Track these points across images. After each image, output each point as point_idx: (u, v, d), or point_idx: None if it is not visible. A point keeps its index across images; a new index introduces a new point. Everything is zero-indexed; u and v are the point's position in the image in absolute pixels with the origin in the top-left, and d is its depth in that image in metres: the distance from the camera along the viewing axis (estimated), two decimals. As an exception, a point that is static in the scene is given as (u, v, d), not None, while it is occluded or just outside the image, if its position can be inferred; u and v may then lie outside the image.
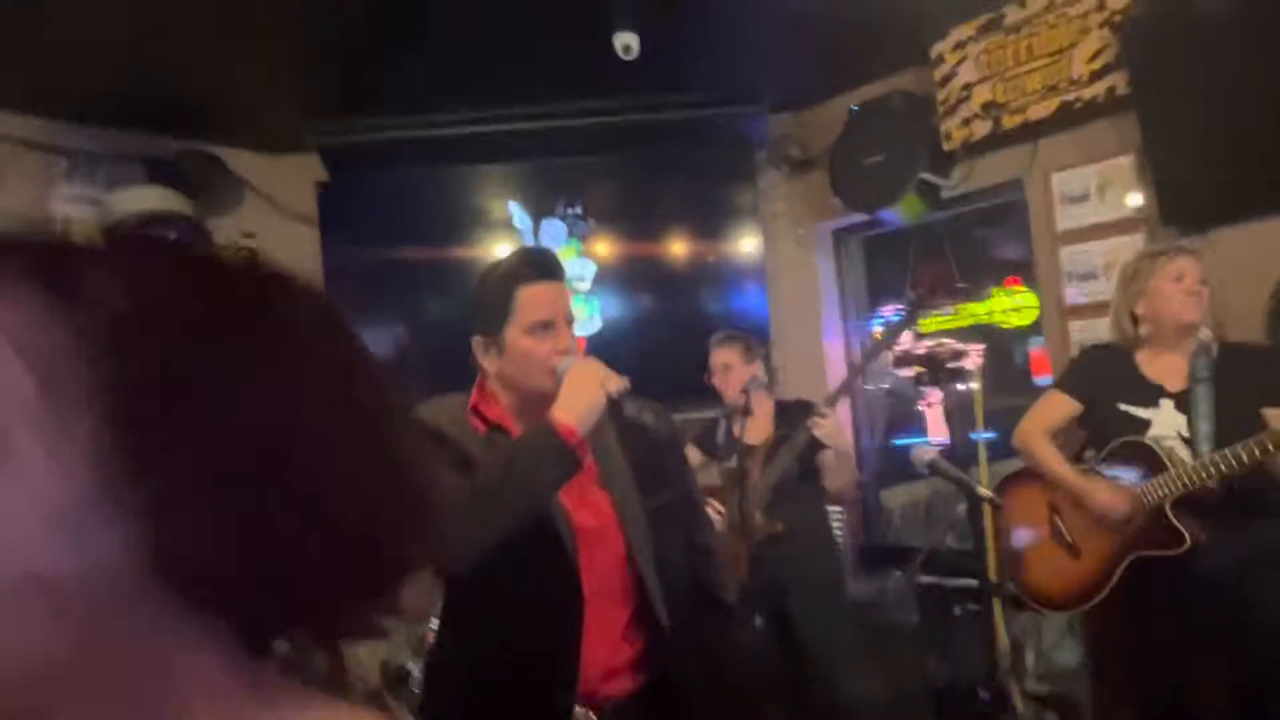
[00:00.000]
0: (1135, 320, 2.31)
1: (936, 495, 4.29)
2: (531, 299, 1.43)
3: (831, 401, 2.73)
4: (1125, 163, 3.01)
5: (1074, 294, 3.16)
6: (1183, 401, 2.19)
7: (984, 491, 1.67)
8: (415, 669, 2.70)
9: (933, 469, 1.74)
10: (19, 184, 3.36)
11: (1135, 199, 3.00)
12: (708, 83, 3.69)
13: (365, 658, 2.94)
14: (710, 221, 4.07)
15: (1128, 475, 2.21)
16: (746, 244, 4.06)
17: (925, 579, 3.54)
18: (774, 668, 2.74)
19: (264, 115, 3.72)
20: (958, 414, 3.59)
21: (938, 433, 3.95)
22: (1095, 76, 2.92)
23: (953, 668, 3.16)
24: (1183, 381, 2.22)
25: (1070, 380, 2.42)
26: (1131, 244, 2.98)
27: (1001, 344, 3.83)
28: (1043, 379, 4.18)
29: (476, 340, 1.49)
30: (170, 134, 3.72)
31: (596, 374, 1.39)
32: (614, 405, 1.37)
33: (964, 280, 3.94)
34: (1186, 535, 2.10)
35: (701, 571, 1.60)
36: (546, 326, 1.43)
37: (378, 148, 3.84)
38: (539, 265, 1.47)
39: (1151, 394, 2.24)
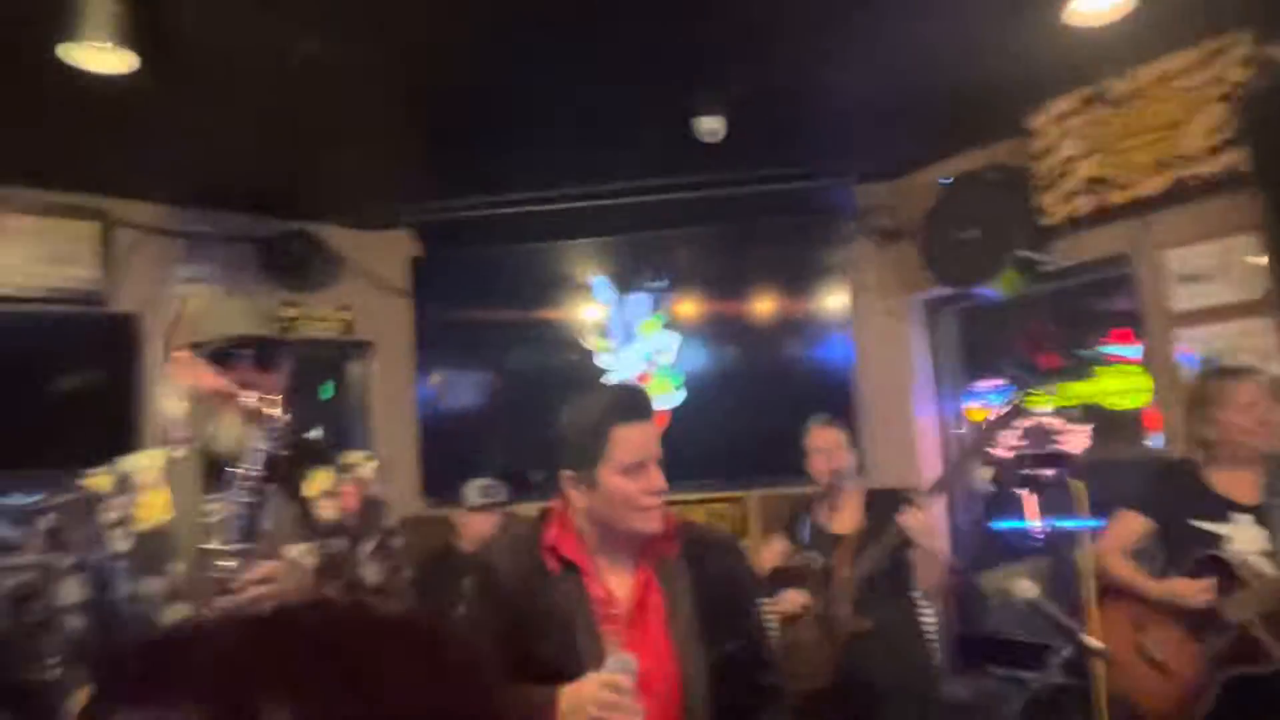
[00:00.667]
0: (1206, 443, 2.32)
1: (1036, 575, 4.03)
2: (626, 440, 1.43)
3: (928, 495, 2.60)
4: (1245, 242, 2.80)
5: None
6: (1261, 516, 2.19)
7: (1094, 644, 1.53)
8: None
9: (1031, 608, 1.62)
10: (143, 266, 3.59)
11: (1258, 280, 2.79)
12: (795, 155, 3.65)
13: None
14: (797, 294, 3.99)
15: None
16: (835, 314, 3.96)
17: (1026, 675, 3.31)
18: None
19: (359, 196, 3.87)
20: (1060, 498, 3.38)
21: (1033, 518, 3.73)
22: (1213, 152, 2.74)
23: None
24: (1254, 495, 2.22)
25: (1142, 498, 2.40)
26: (1254, 328, 2.76)
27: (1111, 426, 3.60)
28: (1158, 437, 3.91)
29: (566, 475, 1.48)
30: (275, 215, 3.92)
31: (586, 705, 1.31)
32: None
33: (1069, 354, 3.75)
34: (1275, 652, 2.05)
35: (765, 713, 1.54)
36: (640, 466, 1.43)
37: (469, 224, 3.95)
38: (633, 406, 1.47)
39: (1222, 509, 2.24)
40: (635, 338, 4.04)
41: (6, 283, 3.27)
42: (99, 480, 1.58)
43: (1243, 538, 2.17)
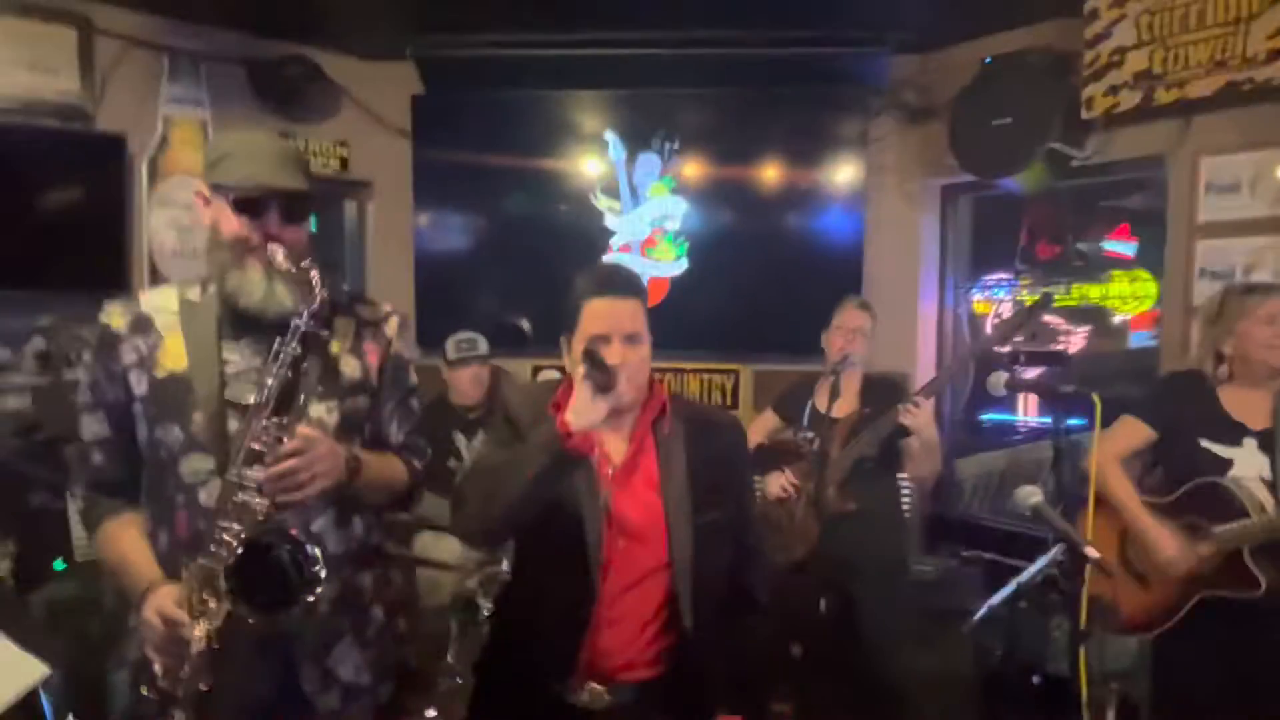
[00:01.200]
0: (1220, 357, 2.27)
1: (1015, 466, 4.17)
2: (593, 312, 1.53)
3: (928, 392, 2.62)
4: (1284, 155, 2.71)
5: (1203, 293, 2.92)
6: (1266, 441, 2.17)
7: (1092, 553, 1.57)
8: (483, 602, 2.80)
9: (1035, 514, 1.65)
10: (127, 81, 3.36)
11: (1293, 196, 2.72)
12: (826, 18, 3.42)
13: (438, 586, 3.06)
14: (813, 165, 3.85)
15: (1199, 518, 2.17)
16: (849, 191, 3.84)
17: (990, 556, 3.48)
18: (836, 648, 2.74)
19: (365, 22, 3.60)
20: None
21: (1028, 412, 3.81)
22: (1273, 56, 2.60)
23: (1011, 652, 3.13)
24: (1267, 420, 2.18)
25: (1149, 408, 2.35)
26: (1277, 246, 2.72)
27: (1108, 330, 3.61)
28: (1140, 335, 3.95)
29: (562, 339, 1.60)
30: (270, 35, 3.65)
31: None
32: (590, 374, 1.41)
33: (1070, 246, 3.69)
34: (1262, 581, 2.08)
35: (743, 572, 1.68)
36: (603, 340, 1.51)
37: (476, 64, 3.73)
38: (608, 281, 1.57)
39: (1235, 432, 2.21)
40: (643, 200, 3.92)
41: (-18, 89, 3.06)
42: (115, 317, 1.52)
43: (1246, 463, 2.14)
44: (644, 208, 3.92)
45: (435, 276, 4.04)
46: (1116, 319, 3.62)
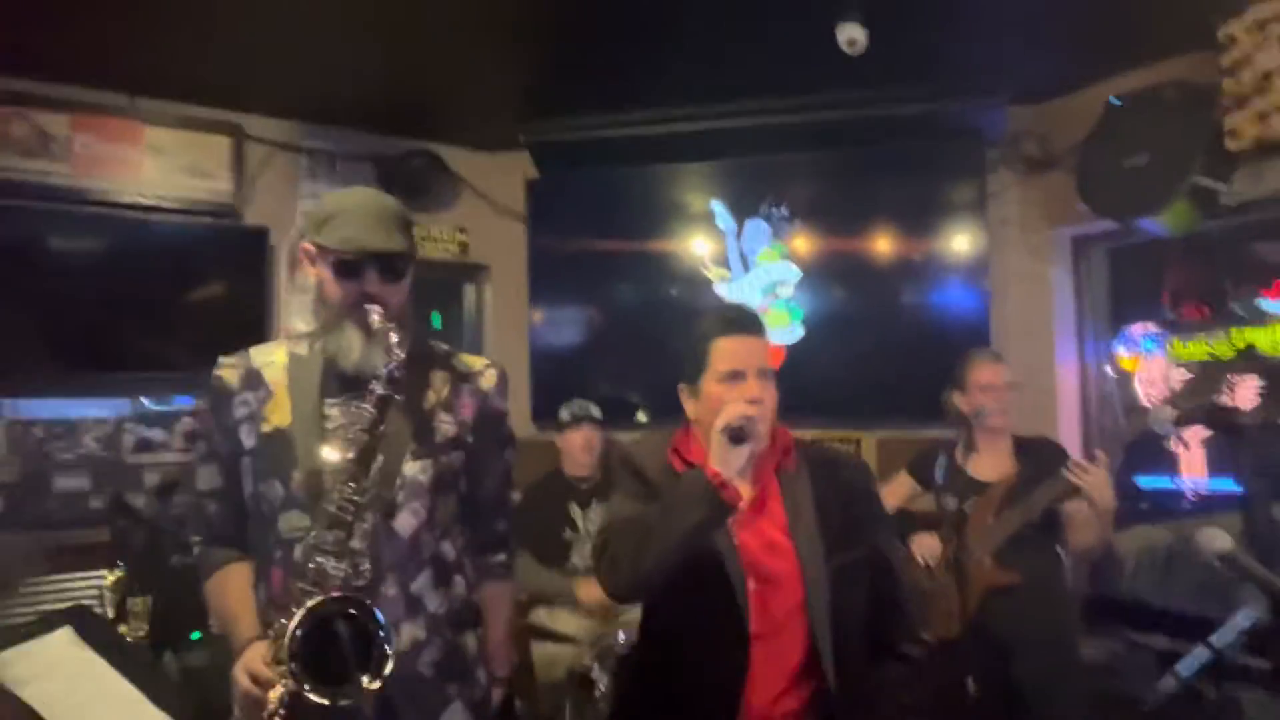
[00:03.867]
0: None
1: (1181, 542, 3.74)
2: (724, 350, 1.55)
3: (1109, 451, 2.37)
4: None
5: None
6: None
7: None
8: (600, 675, 2.67)
9: (1227, 564, 1.41)
10: (271, 181, 3.66)
11: None
12: (937, 72, 3.37)
13: (554, 662, 2.96)
14: (926, 224, 3.72)
15: None
16: (969, 249, 3.68)
17: (1161, 641, 3.08)
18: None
19: (480, 116, 3.81)
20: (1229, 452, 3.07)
21: (1193, 473, 3.42)
22: None
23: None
24: None
25: None
26: None
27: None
28: None
29: (681, 387, 1.63)
30: (396, 133, 3.91)
31: (718, 416, 1.46)
32: (730, 432, 1.41)
33: (1236, 299, 3.37)
34: None
35: (886, 626, 1.63)
36: (737, 375, 1.52)
37: (586, 145, 3.85)
38: (735, 320, 1.60)
39: None
40: (753, 267, 3.88)
41: (149, 193, 3.38)
42: (227, 370, 1.57)
43: None
44: (754, 274, 3.87)
45: (549, 357, 4.09)
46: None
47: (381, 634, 1.28)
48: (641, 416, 3.99)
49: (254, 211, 3.59)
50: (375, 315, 1.42)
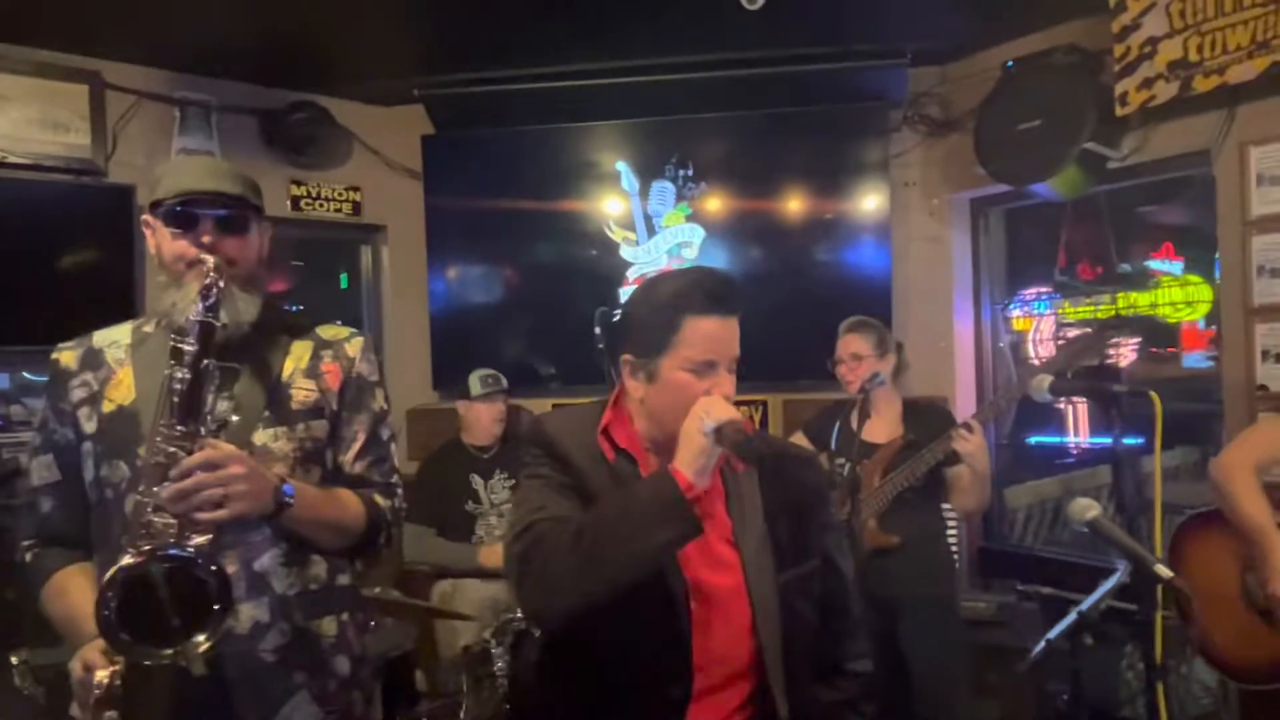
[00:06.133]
0: None
1: (1069, 495, 3.90)
2: (699, 333, 1.27)
3: (983, 416, 2.42)
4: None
5: (1263, 292, 2.70)
6: None
7: (1164, 571, 1.35)
8: (499, 652, 2.62)
9: (1094, 530, 1.45)
10: (138, 134, 3.38)
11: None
12: (841, 33, 3.32)
13: (455, 635, 2.90)
14: (834, 186, 3.72)
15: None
16: (873, 211, 3.69)
17: (1049, 591, 3.22)
18: (883, 694, 2.51)
19: (372, 67, 3.59)
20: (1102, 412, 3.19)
21: (1078, 433, 3.56)
22: (1320, 32, 2.42)
23: (1076, 695, 2.86)
24: None
25: None
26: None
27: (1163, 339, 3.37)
28: (1194, 356, 3.69)
29: (626, 359, 1.34)
30: (279, 85, 3.66)
31: (699, 411, 1.22)
32: (728, 441, 1.18)
33: (1124, 261, 3.49)
34: None
35: (835, 643, 1.41)
36: (710, 367, 1.27)
37: (485, 101, 3.69)
38: (716, 296, 1.28)
39: None
40: (658, 230, 3.81)
41: (-3, 146, 3.08)
42: (65, 354, 1.46)
43: None
44: (660, 237, 3.81)
45: (450, 321, 3.96)
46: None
47: (214, 589, 1.19)
48: (552, 384, 3.90)
49: (120, 169, 3.32)
50: (212, 263, 1.32)
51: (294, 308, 1.62)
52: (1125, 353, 3.34)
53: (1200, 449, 4.20)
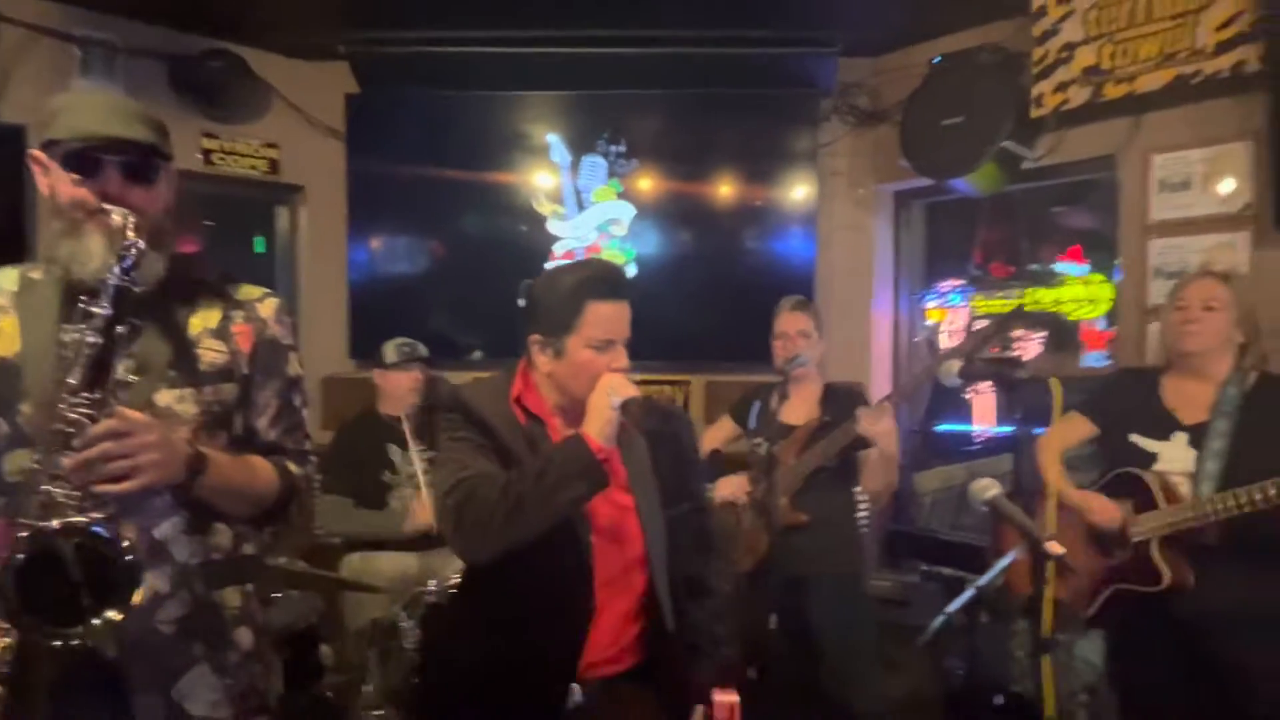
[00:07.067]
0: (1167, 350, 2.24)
1: (971, 480, 4.07)
2: (599, 316, 1.51)
3: (893, 401, 2.49)
4: (1240, 150, 2.66)
5: (1159, 293, 2.85)
6: (1198, 436, 2.07)
7: (1054, 548, 1.44)
8: (408, 625, 2.58)
9: (992, 508, 1.52)
10: (33, 74, 3.15)
11: (1245, 193, 2.67)
12: (775, 19, 3.34)
13: (363, 608, 2.84)
14: (763, 171, 3.76)
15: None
16: (800, 200, 3.75)
17: (951, 572, 3.36)
18: (789, 665, 2.58)
19: (295, 17, 3.44)
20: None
21: (984, 421, 3.71)
22: (1222, 48, 2.56)
23: (972, 669, 3.00)
24: (1204, 413, 2.09)
25: (1091, 402, 2.32)
26: (1232, 244, 2.67)
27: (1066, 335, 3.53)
28: (1093, 355, 3.89)
29: (534, 338, 1.56)
30: (192, 30, 3.46)
31: (605, 387, 1.47)
32: (632, 415, 1.46)
33: (1034, 261, 3.64)
34: (1165, 575, 2.02)
35: (702, 566, 1.71)
36: (609, 344, 1.51)
37: (415, 61, 3.58)
38: (611, 284, 1.54)
39: (1164, 426, 2.13)
40: (588, 205, 3.78)
41: None
42: None
43: (1171, 457, 2.10)
44: (589, 213, 3.78)
45: (370, 288, 3.85)
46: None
47: (121, 562, 1.13)
48: (477, 355, 3.84)
49: (11, 107, 3.09)
50: (117, 215, 1.23)
51: (213, 270, 1.51)
52: (1030, 346, 3.49)
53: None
